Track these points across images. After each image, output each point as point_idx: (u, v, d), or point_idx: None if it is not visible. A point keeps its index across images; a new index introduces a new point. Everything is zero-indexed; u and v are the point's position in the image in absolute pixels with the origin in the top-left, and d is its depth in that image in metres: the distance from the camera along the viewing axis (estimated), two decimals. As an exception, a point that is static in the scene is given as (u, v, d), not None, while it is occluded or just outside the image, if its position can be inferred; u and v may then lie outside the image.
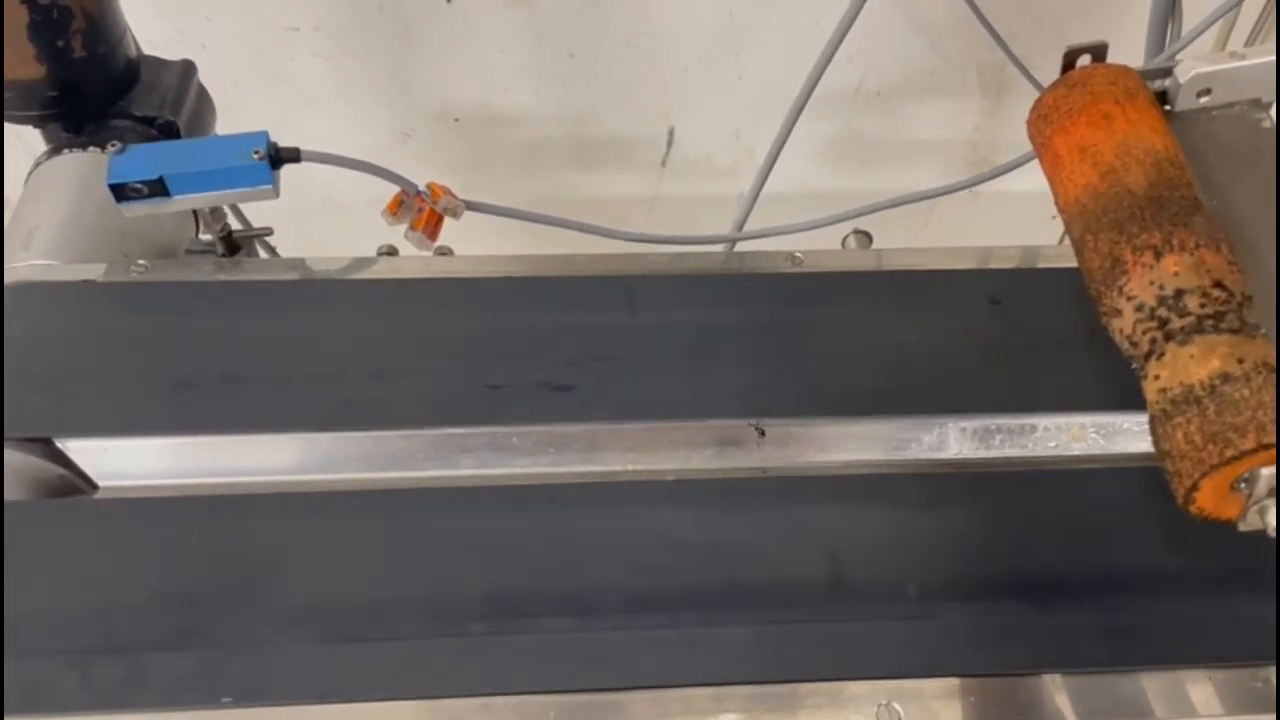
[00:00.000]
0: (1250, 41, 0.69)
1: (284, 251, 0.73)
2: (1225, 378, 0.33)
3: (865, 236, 0.59)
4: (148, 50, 0.80)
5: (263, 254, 0.63)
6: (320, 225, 1.00)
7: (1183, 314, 0.36)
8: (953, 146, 1.19)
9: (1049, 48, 1.11)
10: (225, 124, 1.09)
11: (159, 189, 0.52)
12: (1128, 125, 0.41)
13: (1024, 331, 0.53)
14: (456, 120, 1.13)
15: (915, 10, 1.02)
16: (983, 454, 0.50)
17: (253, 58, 1.04)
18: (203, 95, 0.68)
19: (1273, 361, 0.33)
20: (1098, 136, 0.41)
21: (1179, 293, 0.36)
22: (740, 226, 0.73)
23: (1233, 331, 0.35)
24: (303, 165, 1.06)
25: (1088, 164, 0.40)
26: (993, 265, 0.57)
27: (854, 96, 1.13)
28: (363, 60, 1.06)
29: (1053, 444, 0.50)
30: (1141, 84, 0.43)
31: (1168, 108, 0.45)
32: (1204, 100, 0.45)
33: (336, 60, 1.05)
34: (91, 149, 0.60)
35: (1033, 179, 1.21)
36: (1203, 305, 0.35)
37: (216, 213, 0.57)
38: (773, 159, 0.81)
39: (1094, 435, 0.50)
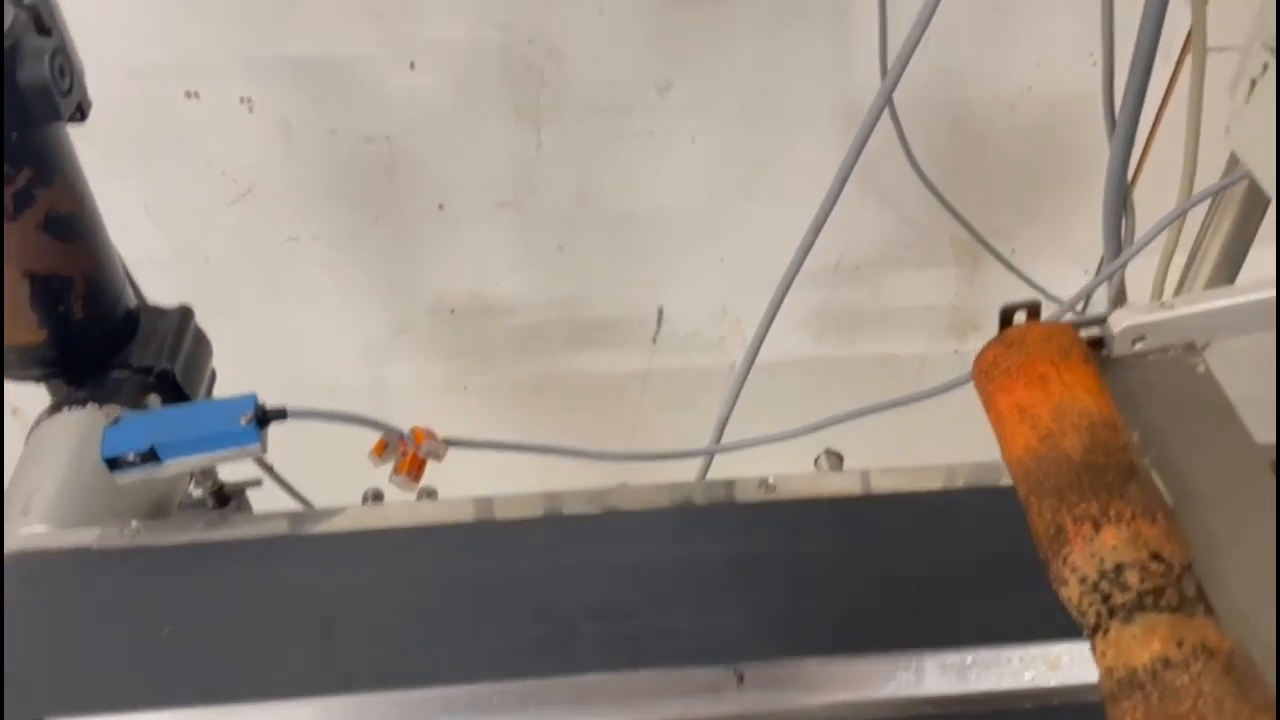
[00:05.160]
0: (1198, 241, 0.72)
1: (273, 455, 0.75)
2: (1166, 663, 0.34)
3: (836, 457, 0.61)
4: (154, 262, 0.84)
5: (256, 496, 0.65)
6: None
7: (1124, 589, 0.37)
8: (935, 311, 1.23)
9: (1021, 216, 1.15)
10: (228, 329, 1.13)
11: (151, 457, 0.54)
12: (1062, 387, 0.42)
13: (997, 556, 0.54)
14: (452, 312, 1.18)
15: (883, 190, 1.07)
16: (961, 689, 0.50)
17: (254, 267, 1.09)
18: (199, 339, 0.71)
19: (1211, 644, 0.34)
20: (1035, 398, 0.43)
21: (1119, 567, 0.37)
22: (719, 435, 0.75)
23: (1172, 610, 0.36)
24: (294, 358, 1.09)
25: (1027, 425, 0.42)
26: (964, 484, 0.58)
27: (834, 270, 1.17)
28: (360, 264, 1.11)
29: (1029, 675, 0.50)
30: (1075, 340, 0.45)
31: (1105, 352, 0.48)
32: (1139, 346, 0.47)
33: (335, 265, 1.10)
34: (90, 405, 0.63)
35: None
36: (1142, 580, 0.37)
37: (208, 470, 0.59)
38: (757, 346, 0.82)
39: (1068, 663, 0.50)
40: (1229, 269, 0.71)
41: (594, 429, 1.32)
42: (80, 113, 0.62)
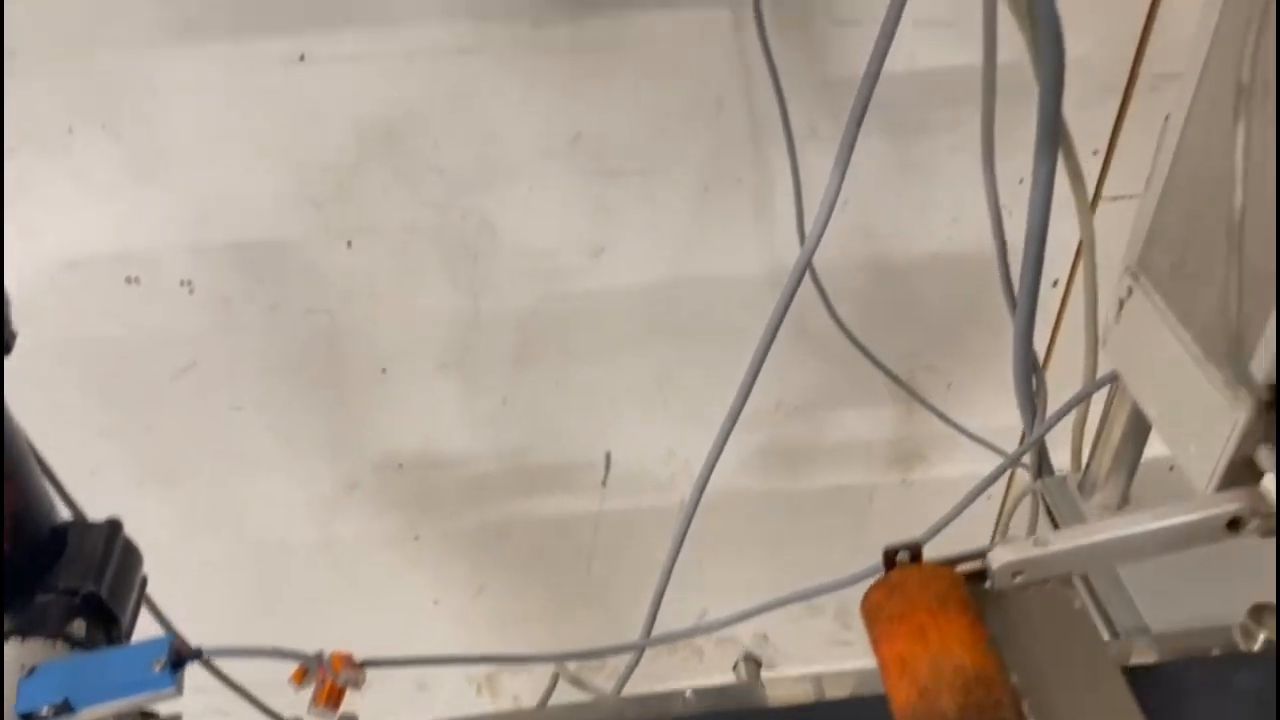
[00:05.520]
0: (1107, 406, 0.75)
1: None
2: None
3: (755, 664, 0.61)
4: (97, 433, 0.83)
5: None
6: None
7: None
8: (878, 445, 1.25)
9: (953, 352, 1.18)
10: (173, 495, 1.14)
11: (65, 709, 0.54)
12: (940, 639, 0.44)
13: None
14: (400, 466, 1.18)
15: (814, 341, 1.09)
16: None
17: (198, 436, 1.10)
18: (128, 552, 0.71)
19: None
20: (915, 650, 0.44)
21: (988, 844, 0.38)
22: (649, 629, 0.76)
23: None
24: (241, 520, 1.09)
25: (907, 680, 0.44)
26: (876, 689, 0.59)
27: (774, 411, 1.19)
28: (305, 428, 1.12)
29: None
30: (954, 583, 0.47)
31: (988, 583, 0.49)
32: (1019, 579, 0.48)
33: (280, 431, 1.11)
34: (12, 639, 0.63)
35: (960, 466, 1.24)
36: None
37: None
38: (700, 490, 0.83)
39: None
40: (1136, 440, 0.73)
41: (548, 571, 1.32)
42: (5, 347, 0.64)
